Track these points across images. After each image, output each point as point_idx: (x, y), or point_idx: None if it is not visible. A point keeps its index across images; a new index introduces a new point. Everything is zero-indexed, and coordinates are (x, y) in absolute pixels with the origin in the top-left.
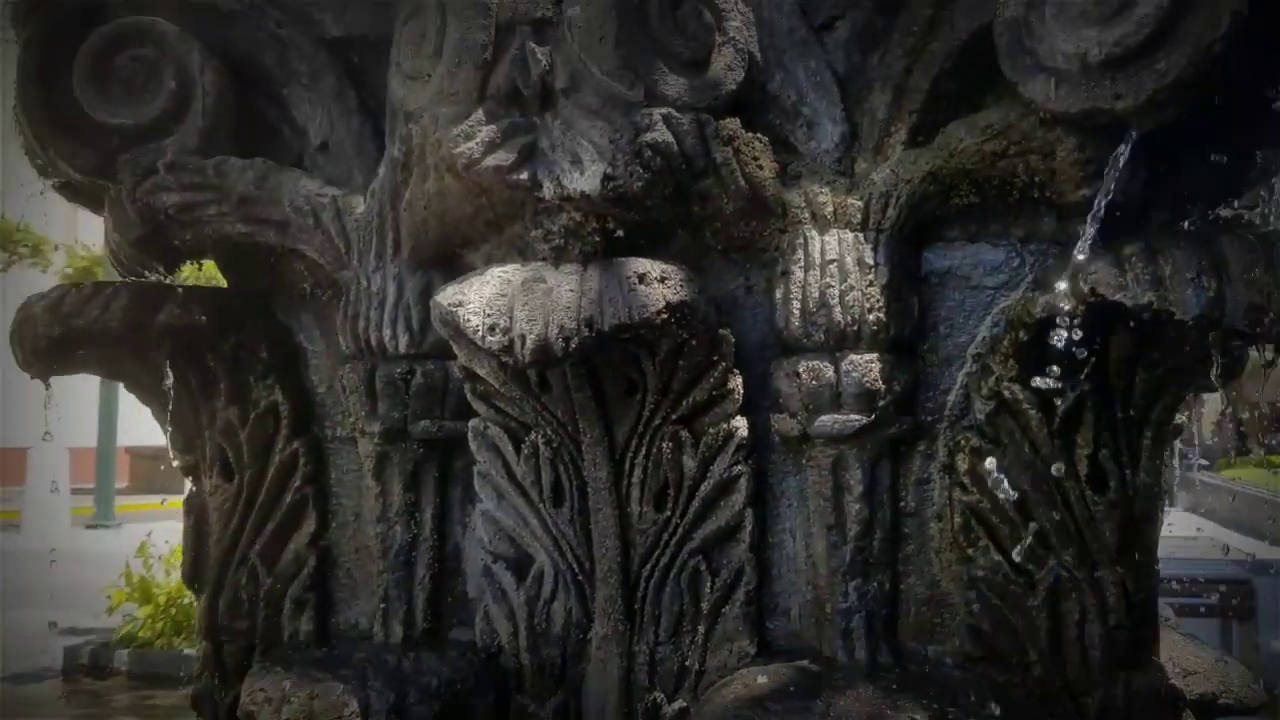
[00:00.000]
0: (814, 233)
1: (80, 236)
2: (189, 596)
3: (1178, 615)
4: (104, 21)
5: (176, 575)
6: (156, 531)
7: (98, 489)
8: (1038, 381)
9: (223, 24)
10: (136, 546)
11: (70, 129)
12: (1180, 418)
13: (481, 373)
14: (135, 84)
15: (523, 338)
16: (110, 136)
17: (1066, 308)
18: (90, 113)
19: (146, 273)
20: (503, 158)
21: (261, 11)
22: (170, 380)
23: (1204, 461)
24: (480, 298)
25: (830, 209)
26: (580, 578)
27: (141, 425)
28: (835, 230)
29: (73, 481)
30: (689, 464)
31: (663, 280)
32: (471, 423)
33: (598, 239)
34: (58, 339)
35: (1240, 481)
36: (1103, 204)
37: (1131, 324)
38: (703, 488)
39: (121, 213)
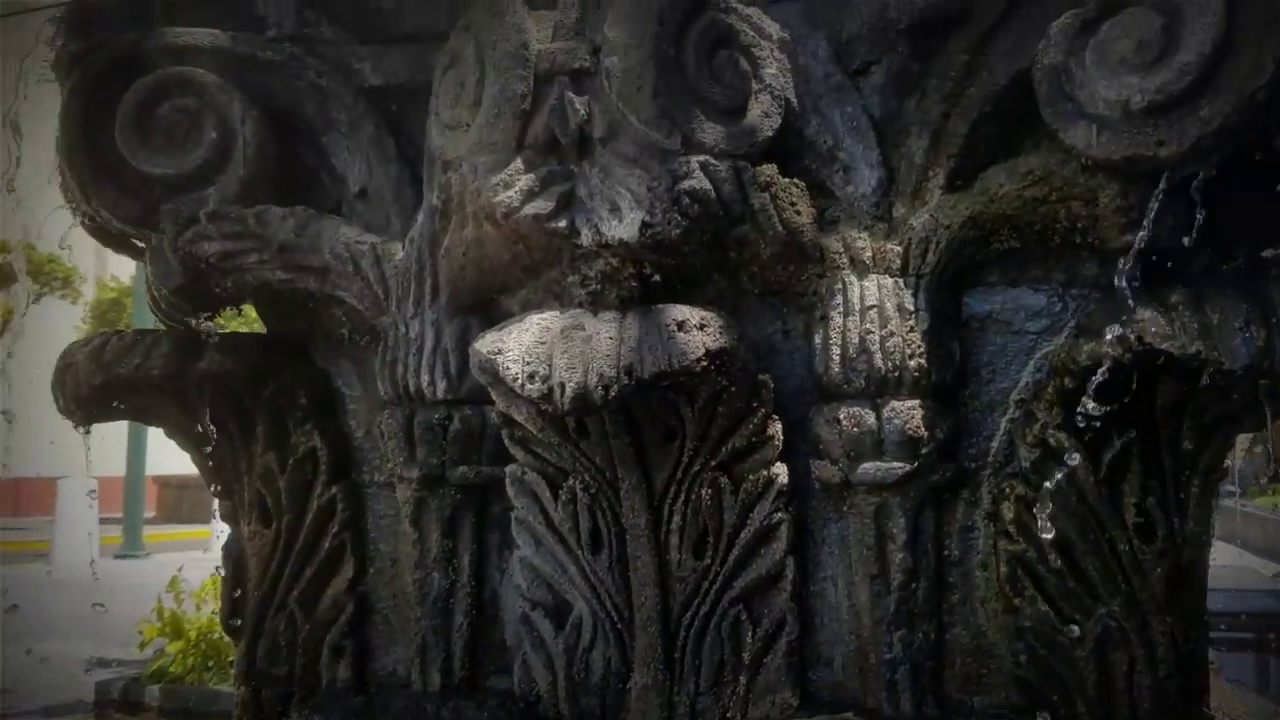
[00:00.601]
0: (853, 278)
1: (109, 268)
2: (219, 631)
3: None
4: (146, 72)
5: (207, 610)
6: (184, 562)
7: (126, 519)
8: (1083, 427)
9: (263, 74)
10: (166, 578)
11: (113, 178)
12: None
13: (519, 419)
14: (177, 134)
15: (562, 385)
16: (152, 186)
17: (1113, 356)
18: (132, 162)
19: (190, 320)
20: (541, 206)
21: (301, 61)
22: (210, 426)
23: (1235, 489)
24: (519, 345)
25: (869, 254)
26: (619, 626)
27: (168, 455)
28: (874, 275)
29: (100, 511)
30: (728, 511)
31: (702, 327)
32: (509, 468)
33: (634, 284)
34: (99, 387)
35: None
36: (1139, 247)
37: (1178, 372)
38: (743, 535)
39: (163, 261)
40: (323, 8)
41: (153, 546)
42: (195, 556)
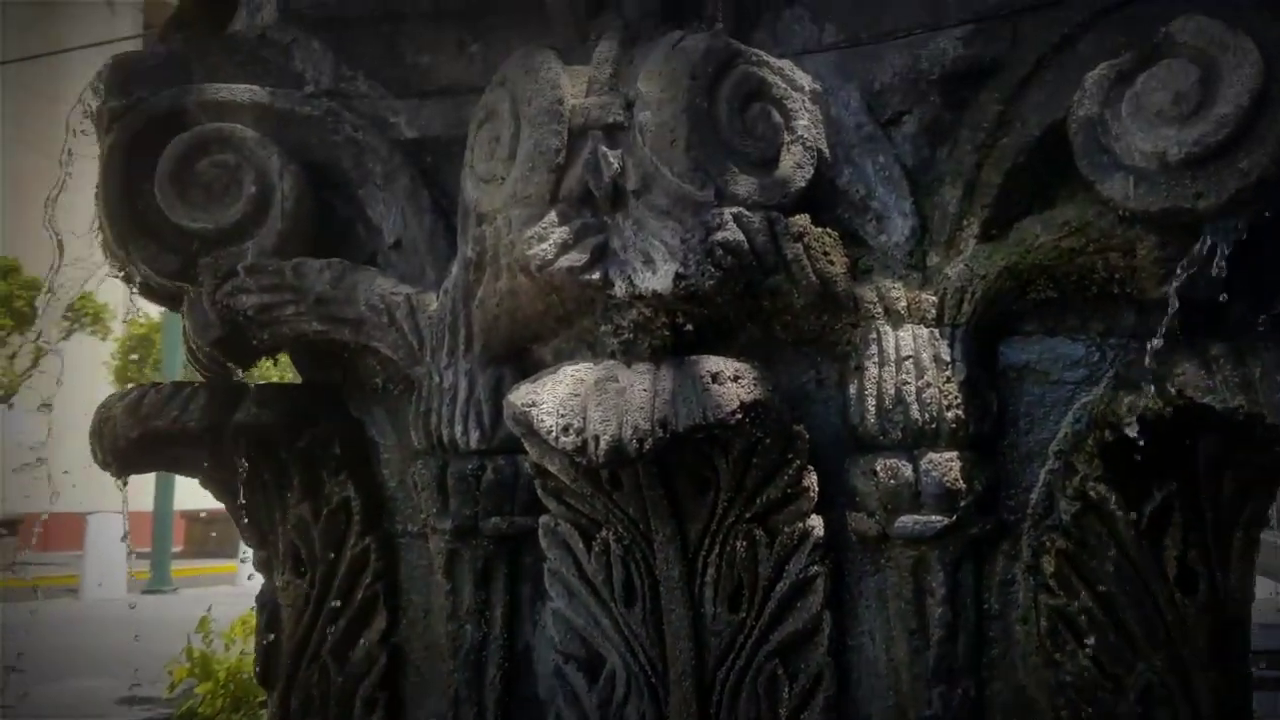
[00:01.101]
0: (887, 328)
1: (139, 304)
2: (248, 672)
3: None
4: (185, 128)
5: (236, 650)
6: (212, 598)
7: (154, 554)
8: (1123, 479)
9: (301, 128)
10: (194, 613)
11: (151, 233)
12: None
13: (553, 470)
14: (216, 188)
15: (597, 438)
16: (191, 240)
17: (1154, 409)
18: (171, 217)
19: (233, 369)
20: (575, 258)
21: (338, 116)
22: (245, 477)
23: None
24: (554, 398)
25: (903, 304)
26: (653, 680)
27: (195, 489)
28: (909, 325)
29: (126, 545)
30: (764, 563)
31: (736, 379)
32: (542, 519)
33: (667, 333)
34: (136, 440)
35: None
36: (1176, 299)
37: (1220, 425)
38: (778, 588)
39: (201, 314)
40: (359, 63)
41: (180, 581)
42: (223, 592)
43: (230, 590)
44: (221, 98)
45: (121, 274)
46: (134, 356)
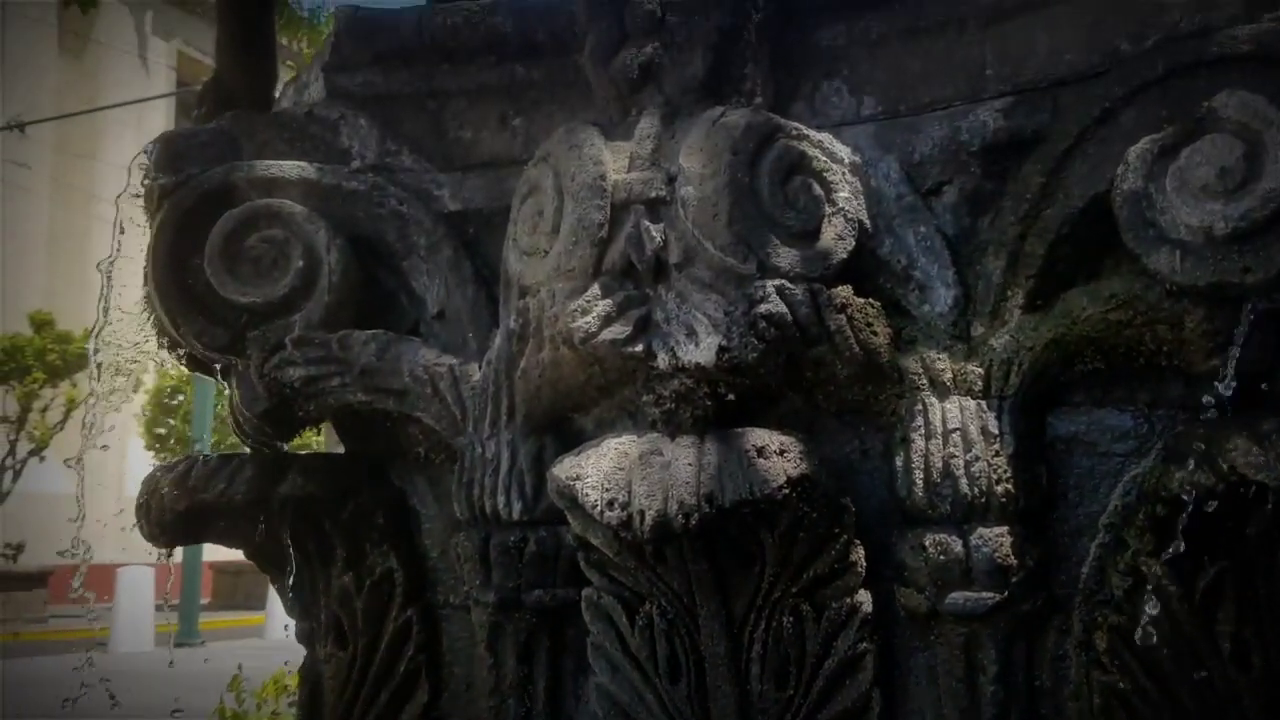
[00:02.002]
0: (933, 399)
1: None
2: None
3: None
4: (234, 204)
5: (268, 708)
6: (240, 650)
7: (182, 606)
8: (1176, 555)
9: (347, 203)
10: (224, 666)
11: (200, 307)
12: None
13: (596, 543)
14: (264, 263)
15: (642, 513)
16: (239, 314)
17: (1205, 485)
18: (221, 291)
19: (276, 442)
20: (618, 331)
21: (384, 190)
22: (290, 549)
23: None
24: (598, 471)
25: (949, 375)
26: None
27: None
28: (956, 397)
29: (156, 597)
30: (811, 639)
31: (782, 453)
32: (585, 592)
33: (709, 403)
34: (183, 513)
35: None
36: (1233, 379)
37: (1272, 500)
38: (826, 665)
39: (248, 387)
40: (404, 138)
41: (208, 634)
42: (252, 645)
43: (259, 644)
44: (271, 174)
45: (169, 349)
46: (161, 430)
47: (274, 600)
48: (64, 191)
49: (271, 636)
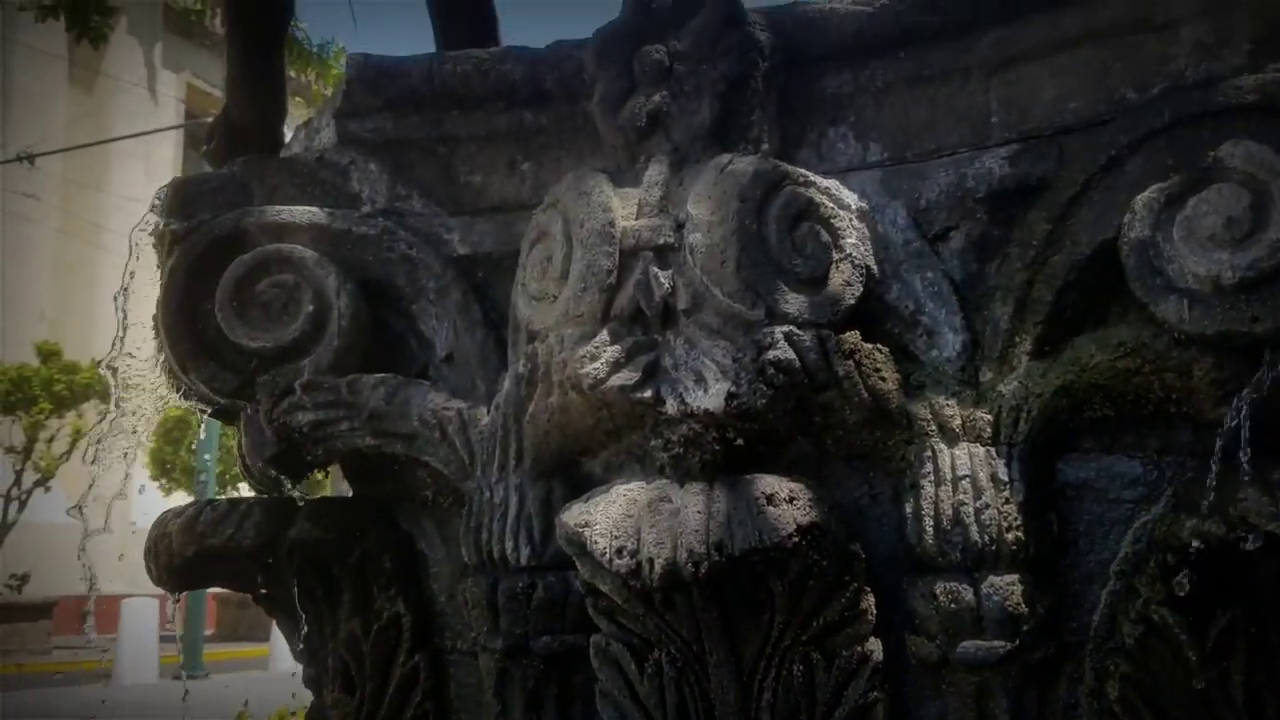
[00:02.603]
0: (942, 445)
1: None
2: None
3: None
4: (245, 249)
5: None
6: (245, 682)
7: (187, 638)
8: (1187, 603)
9: (357, 247)
10: (228, 699)
11: (211, 352)
12: None
13: (605, 589)
14: (275, 307)
15: (651, 561)
16: (249, 359)
17: (1217, 535)
18: (231, 336)
19: (286, 483)
20: (627, 376)
21: (393, 234)
22: (297, 593)
23: None
24: (607, 518)
25: (958, 421)
26: None
27: None
28: (965, 444)
29: (160, 629)
30: (821, 688)
31: (791, 500)
32: (593, 638)
33: (717, 448)
34: (192, 558)
35: None
36: (1245, 427)
37: None
38: (837, 714)
39: (257, 431)
40: (414, 183)
41: (212, 665)
42: (257, 677)
43: (263, 676)
44: (282, 219)
45: (179, 392)
46: (168, 466)
47: (278, 632)
48: (71, 222)
49: (275, 668)
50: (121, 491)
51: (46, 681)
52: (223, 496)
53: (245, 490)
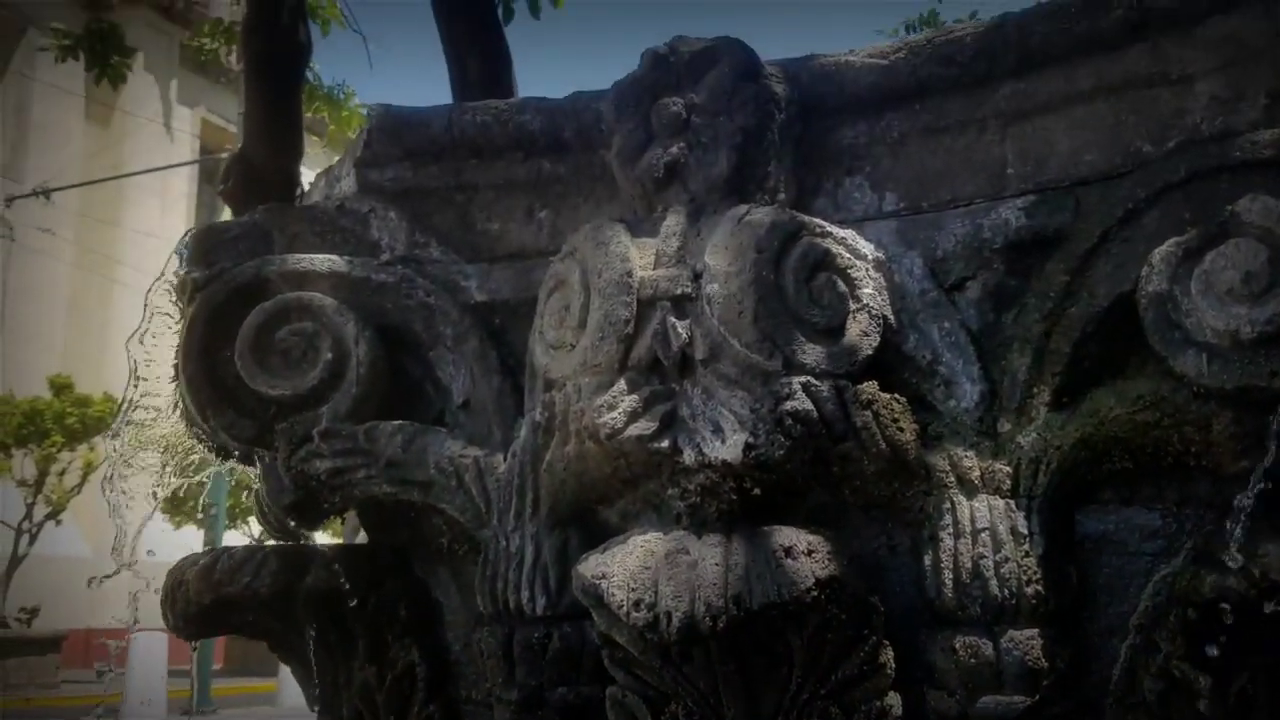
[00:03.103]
0: (961, 498)
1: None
2: None
3: None
4: (265, 297)
5: None
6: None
7: (196, 673)
8: (1209, 658)
9: (376, 294)
10: None
11: (230, 400)
12: None
13: (621, 641)
14: (294, 355)
15: (669, 615)
16: (268, 406)
17: (1238, 591)
18: (251, 384)
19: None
20: (644, 426)
21: (412, 281)
22: (313, 641)
23: None
24: (624, 570)
25: (977, 473)
26: None
27: None
28: (984, 496)
29: (169, 663)
30: None
31: (810, 553)
32: (609, 690)
33: (734, 498)
34: (209, 606)
35: None
36: (1260, 482)
37: None
38: None
39: (275, 480)
40: (432, 230)
41: (220, 701)
42: (265, 713)
43: (271, 712)
44: (302, 267)
45: (197, 439)
46: (179, 498)
47: (285, 667)
48: (86, 257)
49: (284, 704)
50: (139, 530)
51: (54, 715)
52: (234, 538)
53: (255, 525)
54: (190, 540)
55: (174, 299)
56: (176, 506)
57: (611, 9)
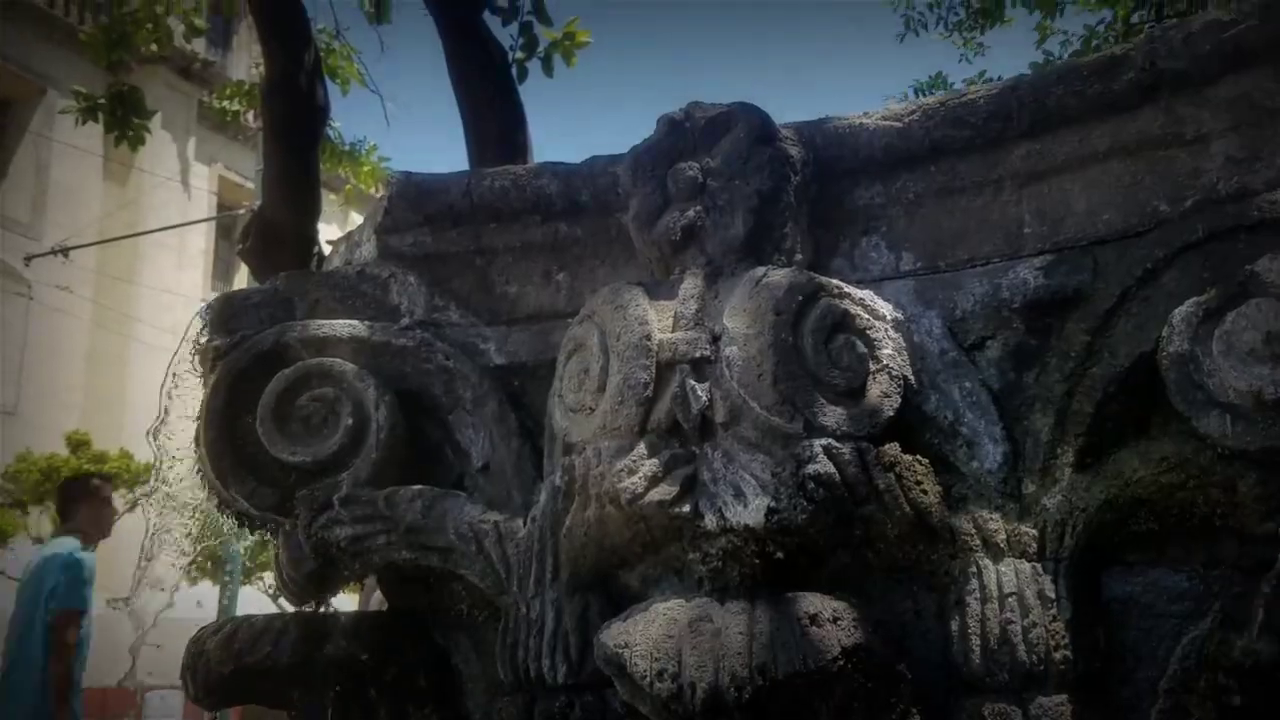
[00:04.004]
0: (987, 561)
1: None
2: None
3: None
4: (286, 363)
5: None
6: None
7: None
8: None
9: (396, 359)
10: None
11: (250, 467)
12: None
13: (644, 711)
14: (314, 421)
15: (693, 685)
16: (288, 473)
17: (1269, 655)
18: (271, 451)
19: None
20: (665, 491)
21: (431, 345)
22: (332, 712)
23: None
24: (646, 639)
25: (1002, 536)
26: None
27: None
28: (1010, 559)
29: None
30: None
31: (835, 621)
32: None
33: (757, 561)
34: (229, 676)
35: None
36: None
37: None
38: None
39: (296, 547)
40: (451, 294)
41: None
42: None
43: None
44: (323, 333)
45: (218, 506)
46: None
47: None
48: (103, 314)
49: None
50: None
51: None
52: (250, 593)
53: (270, 580)
54: (205, 595)
55: (195, 367)
56: (194, 562)
57: (624, 67)
